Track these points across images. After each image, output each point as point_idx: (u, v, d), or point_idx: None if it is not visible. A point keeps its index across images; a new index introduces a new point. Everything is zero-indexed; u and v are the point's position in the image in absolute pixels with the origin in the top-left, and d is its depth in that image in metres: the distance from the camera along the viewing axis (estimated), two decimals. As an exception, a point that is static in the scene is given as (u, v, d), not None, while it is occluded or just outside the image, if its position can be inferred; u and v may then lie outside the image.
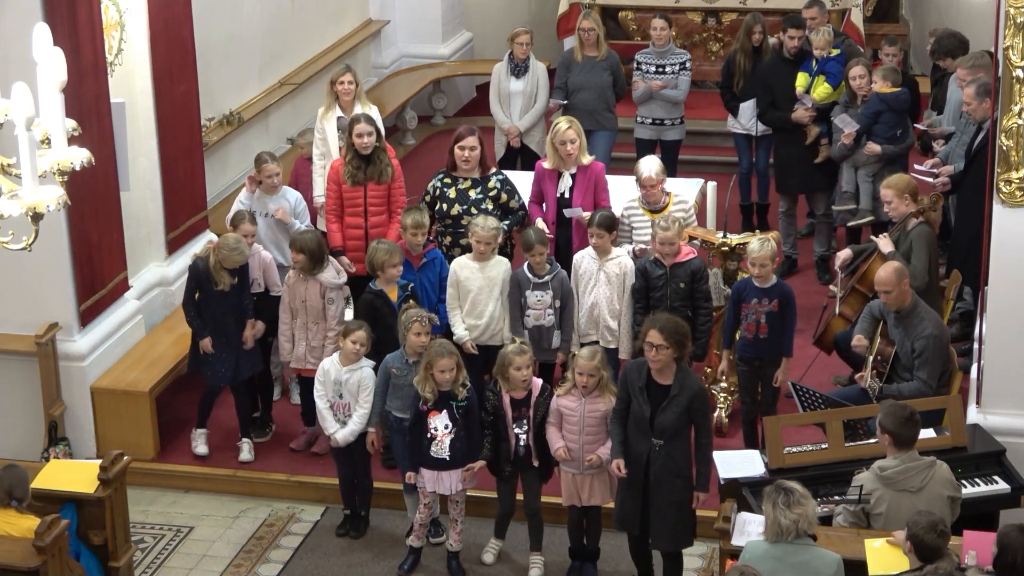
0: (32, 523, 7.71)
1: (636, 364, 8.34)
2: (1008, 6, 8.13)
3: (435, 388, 8.63)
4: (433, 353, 8.62)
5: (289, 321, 9.92)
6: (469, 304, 9.64)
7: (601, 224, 9.63)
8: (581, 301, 9.72)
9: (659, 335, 8.04)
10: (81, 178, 6.11)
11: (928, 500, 7.50)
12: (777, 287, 9.46)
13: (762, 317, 9.39)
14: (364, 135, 10.25)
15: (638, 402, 8.18)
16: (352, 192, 10.34)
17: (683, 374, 8.17)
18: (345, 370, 9.13)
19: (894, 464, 7.62)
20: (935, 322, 9.04)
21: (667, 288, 9.50)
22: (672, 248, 9.47)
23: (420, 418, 8.73)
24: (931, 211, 10.08)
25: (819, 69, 11.93)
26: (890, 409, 7.75)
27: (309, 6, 14.59)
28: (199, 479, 10.04)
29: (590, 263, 9.72)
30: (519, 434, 8.68)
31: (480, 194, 10.22)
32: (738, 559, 7.14)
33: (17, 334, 9.83)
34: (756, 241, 9.43)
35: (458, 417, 8.67)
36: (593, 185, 10.44)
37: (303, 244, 9.74)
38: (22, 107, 5.15)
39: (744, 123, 12.49)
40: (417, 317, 8.97)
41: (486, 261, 9.63)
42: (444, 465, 8.71)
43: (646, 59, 12.64)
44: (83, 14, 9.61)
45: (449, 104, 16.05)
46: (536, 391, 8.68)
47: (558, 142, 10.33)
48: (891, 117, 11.26)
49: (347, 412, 9.16)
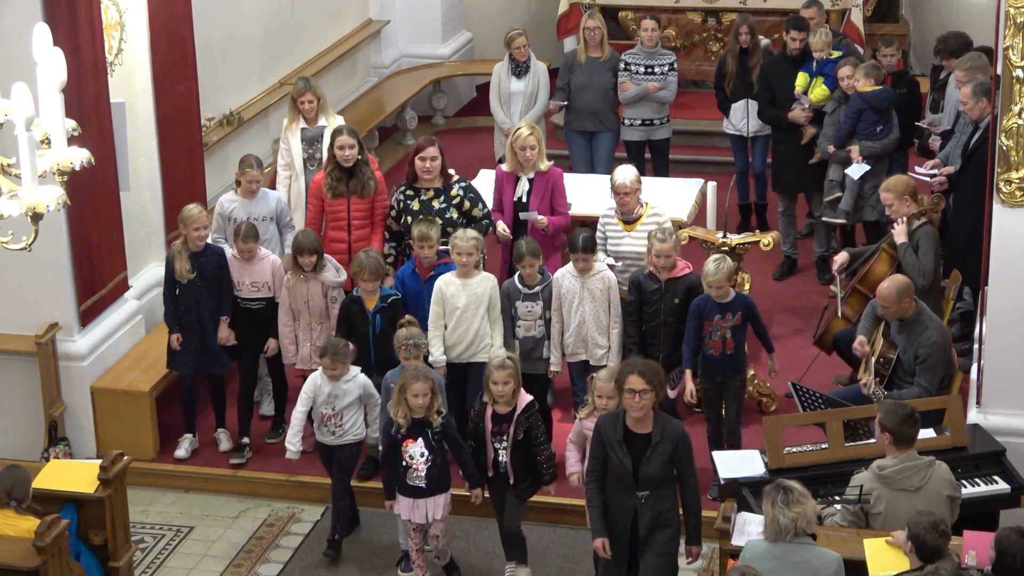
0: (31, 523, 7.71)
1: (610, 417, 7.82)
2: (1008, 6, 8.13)
3: (408, 414, 8.38)
4: (407, 376, 8.38)
5: (291, 323, 9.88)
6: (455, 321, 9.42)
7: (587, 249, 9.42)
8: (567, 321, 9.52)
9: (641, 380, 7.56)
10: (81, 178, 6.12)
11: (927, 499, 7.50)
12: (737, 300, 9.25)
13: (727, 332, 9.18)
14: (346, 147, 10.08)
15: (617, 456, 7.69)
16: (335, 205, 10.20)
17: (662, 420, 7.74)
18: (337, 383, 9.01)
19: (893, 463, 7.62)
20: (939, 329, 9.03)
21: (661, 303, 9.34)
22: (668, 261, 9.29)
23: (394, 446, 8.49)
24: (932, 212, 10.07)
25: (818, 71, 11.93)
26: (890, 408, 7.74)
27: (309, 6, 14.59)
28: (199, 479, 10.04)
29: (572, 282, 9.51)
30: (498, 449, 8.47)
31: (444, 203, 10.03)
32: (738, 559, 7.14)
33: (17, 334, 9.84)
34: (711, 262, 9.14)
35: (434, 444, 8.43)
36: (550, 190, 10.34)
37: (309, 244, 9.70)
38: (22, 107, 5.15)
39: (736, 124, 12.50)
40: (405, 342, 8.82)
41: (471, 277, 9.43)
42: (420, 493, 8.49)
43: (635, 60, 12.62)
44: (83, 14, 9.61)
45: (449, 104, 16.05)
46: (520, 408, 8.43)
47: (518, 147, 10.23)
48: (873, 115, 11.27)
49: (339, 422, 9.04)
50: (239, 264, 9.90)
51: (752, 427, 9.89)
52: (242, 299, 9.95)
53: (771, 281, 12.17)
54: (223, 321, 9.88)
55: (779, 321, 11.59)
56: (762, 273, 11.85)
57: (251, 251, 9.84)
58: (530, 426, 8.43)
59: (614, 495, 7.79)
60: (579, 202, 11.02)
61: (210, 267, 9.82)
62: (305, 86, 11.12)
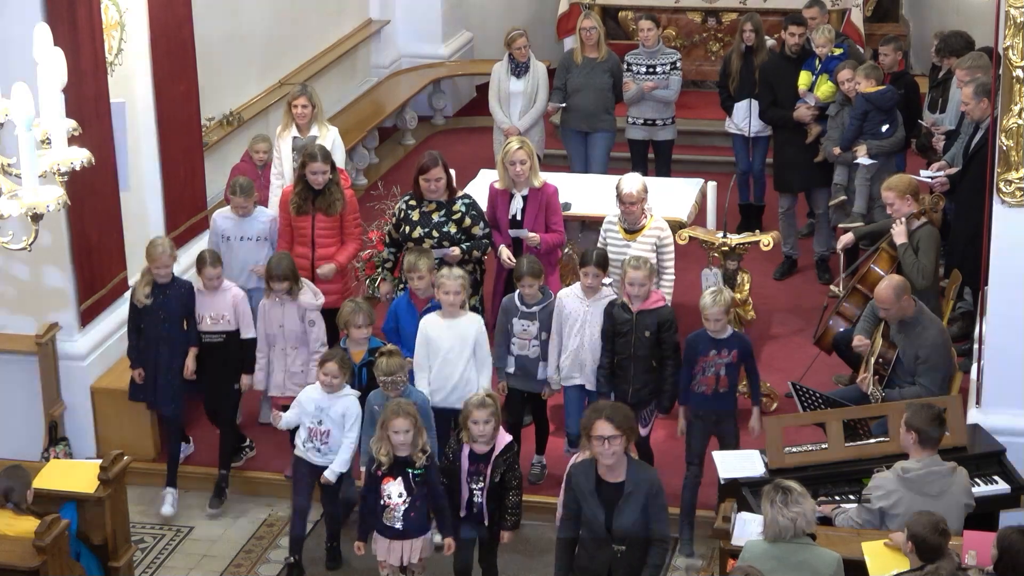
0: (31, 524, 7.70)
1: (582, 466, 7.48)
2: (1008, 6, 8.13)
3: (390, 451, 7.97)
4: (389, 412, 7.97)
5: (266, 351, 9.56)
6: (439, 363, 8.98)
7: (600, 263, 9.18)
8: (566, 343, 9.25)
9: (609, 425, 7.20)
10: (81, 178, 6.12)
11: (946, 506, 7.46)
12: (734, 337, 8.94)
13: (721, 370, 8.83)
14: (319, 173, 9.86)
15: (590, 507, 7.33)
16: (300, 222, 10.02)
17: (635, 467, 7.39)
18: (329, 397, 8.71)
19: (917, 467, 7.60)
20: (938, 329, 9.03)
21: (632, 335, 8.94)
22: (642, 290, 8.90)
23: (374, 483, 8.08)
24: (932, 212, 10.07)
25: (823, 68, 11.92)
26: (918, 408, 7.74)
27: (309, 6, 14.59)
28: (199, 479, 10.03)
29: (576, 304, 9.23)
30: (473, 490, 8.10)
31: (443, 217, 9.84)
32: (738, 559, 7.14)
33: (17, 334, 9.83)
34: (708, 295, 8.87)
35: (414, 486, 8.00)
36: (545, 208, 10.12)
37: (283, 270, 9.40)
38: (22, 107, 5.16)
39: (738, 123, 12.50)
40: (383, 379, 8.48)
41: (456, 317, 9.01)
42: (397, 534, 8.11)
43: (636, 60, 12.63)
44: (83, 14, 9.61)
45: (449, 104, 16.05)
46: (499, 448, 8.07)
47: (508, 162, 10.06)
48: (878, 115, 11.27)
49: (325, 439, 8.73)
50: (200, 296, 9.59)
51: (752, 427, 9.91)
52: (203, 333, 9.60)
53: (771, 281, 12.18)
54: (191, 352, 9.53)
55: (779, 321, 11.60)
56: (762, 273, 11.85)
57: (217, 277, 9.53)
58: (507, 468, 8.08)
59: (588, 548, 7.44)
60: (577, 201, 11.03)
61: (175, 300, 9.49)
62: (302, 90, 11.02)
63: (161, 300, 9.49)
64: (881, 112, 11.26)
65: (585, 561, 7.48)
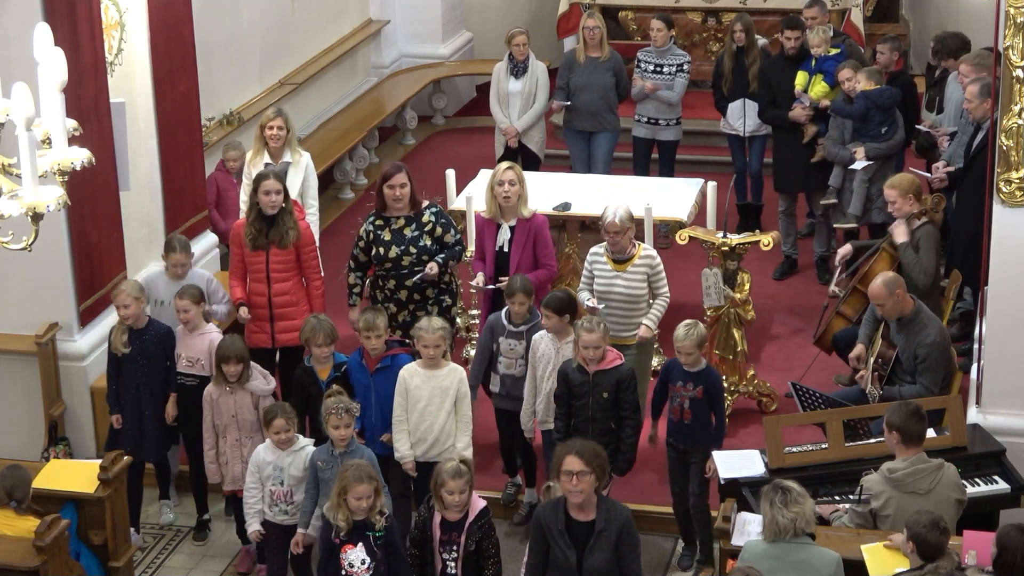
0: (30, 524, 7.70)
1: (550, 505, 7.20)
2: (1008, 6, 8.13)
3: (349, 516, 7.48)
4: (349, 478, 7.45)
5: (214, 442, 8.99)
6: (417, 415, 8.59)
7: (547, 304, 8.77)
8: (539, 386, 8.90)
9: (579, 460, 6.97)
10: (81, 178, 6.12)
11: (936, 503, 7.47)
12: (704, 374, 8.67)
13: (686, 402, 8.64)
14: (272, 192, 9.49)
15: (559, 548, 7.06)
16: (253, 257, 9.63)
17: (606, 504, 7.13)
18: (285, 454, 8.31)
19: (903, 466, 7.60)
20: (938, 328, 9.02)
21: (589, 397, 8.48)
22: (597, 353, 8.43)
23: (332, 552, 7.56)
24: (933, 212, 10.08)
25: (817, 68, 11.94)
26: (896, 407, 7.76)
27: (309, 6, 14.59)
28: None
29: (547, 346, 8.87)
30: (447, 560, 7.59)
31: (416, 231, 9.66)
32: (737, 559, 7.14)
33: (17, 334, 9.83)
34: (682, 328, 8.63)
35: (376, 549, 7.52)
36: (532, 240, 9.74)
37: (237, 351, 8.84)
38: (22, 107, 5.15)
39: (733, 123, 12.50)
40: (334, 409, 8.03)
41: (437, 368, 8.61)
42: None
43: (646, 57, 12.66)
44: (83, 14, 9.61)
45: (449, 104, 16.06)
46: (473, 515, 7.56)
47: (495, 183, 9.72)
48: (878, 115, 11.27)
49: (290, 499, 8.32)
50: (182, 337, 9.28)
51: (752, 427, 9.91)
52: (180, 374, 9.28)
53: (771, 281, 12.18)
54: (171, 398, 9.22)
55: (779, 321, 11.60)
56: (762, 273, 11.85)
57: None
58: (483, 536, 7.56)
59: None
60: (577, 202, 11.02)
61: (152, 345, 9.19)
62: (277, 112, 10.77)
63: (139, 346, 9.16)
64: (881, 111, 11.26)
65: None
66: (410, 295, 9.76)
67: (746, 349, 10.21)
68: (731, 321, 10.09)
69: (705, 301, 10.05)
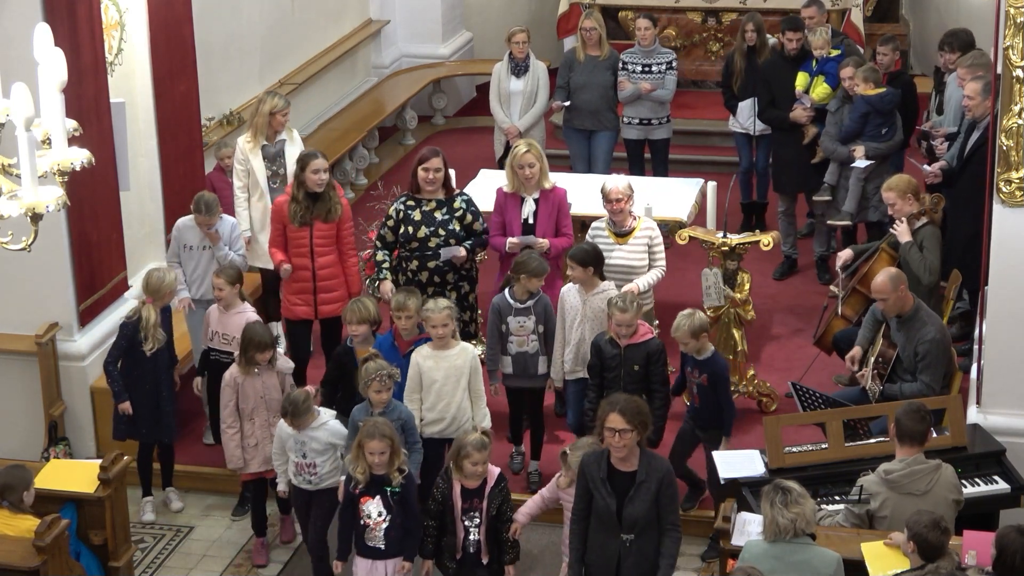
0: (31, 523, 7.70)
1: (595, 455, 7.55)
2: (1008, 6, 8.13)
3: (366, 470, 7.90)
4: (365, 433, 7.87)
5: (237, 426, 9.07)
6: (433, 396, 8.81)
7: (572, 256, 9.22)
8: (568, 337, 9.31)
9: (621, 418, 7.31)
10: (81, 178, 6.12)
11: (934, 503, 7.46)
12: (709, 362, 8.91)
13: (695, 387, 8.98)
14: (321, 171, 9.78)
15: (601, 495, 7.41)
16: (298, 233, 9.88)
17: (648, 457, 7.45)
18: (309, 429, 8.54)
19: (899, 467, 7.60)
20: (937, 326, 9.03)
21: (621, 369, 8.86)
22: (629, 330, 8.81)
23: (351, 502, 7.99)
24: (932, 212, 10.07)
25: (818, 69, 11.93)
26: (904, 406, 7.76)
27: (309, 6, 14.60)
28: (199, 479, 10.04)
29: (575, 298, 9.30)
30: (469, 527, 7.97)
31: (446, 215, 9.90)
32: (738, 559, 7.14)
33: (17, 334, 9.83)
34: (679, 317, 8.88)
35: (392, 504, 7.93)
36: (556, 210, 10.12)
37: (269, 338, 9.00)
38: (22, 107, 5.15)
39: (743, 122, 12.50)
40: (376, 375, 8.32)
41: (448, 349, 8.83)
42: (378, 554, 8.01)
43: (632, 59, 12.62)
44: (83, 14, 9.61)
45: (449, 104, 16.06)
46: (491, 481, 7.97)
47: (517, 166, 10.02)
48: (878, 118, 11.26)
49: (312, 471, 8.55)
50: (217, 315, 9.47)
51: (752, 427, 9.91)
52: (213, 350, 9.50)
53: (771, 281, 12.18)
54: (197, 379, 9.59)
55: (779, 321, 11.60)
56: (762, 273, 11.86)
57: (221, 288, 9.39)
58: (502, 500, 8.00)
59: (598, 537, 7.50)
60: (578, 201, 11.02)
61: (166, 326, 9.47)
62: (285, 102, 10.81)
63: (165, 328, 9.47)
64: (880, 115, 11.25)
65: (595, 555, 7.52)
66: (431, 278, 9.90)
67: (746, 349, 10.22)
68: (731, 321, 10.10)
69: (705, 301, 10.05)
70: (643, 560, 7.42)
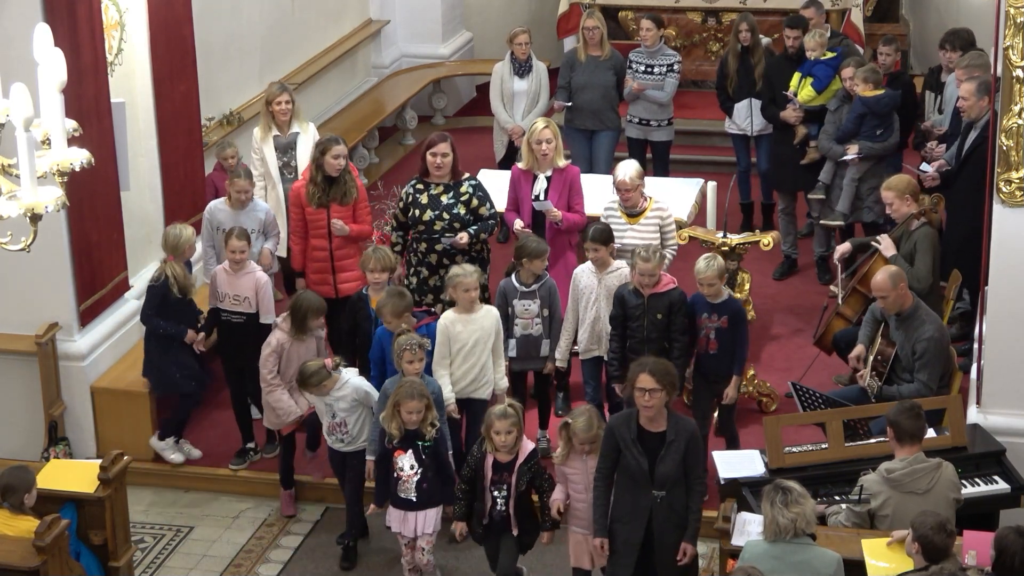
0: (31, 523, 7.70)
1: (624, 416, 7.89)
2: (1008, 6, 8.13)
3: (401, 426, 8.34)
4: (403, 394, 8.31)
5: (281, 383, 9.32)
6: (461, 359, 9.14)
7: (596, 238, 9.42)
8: (582, 316, 9.50)
9: (651, 379, 7.64)
10: (81, 178, 6.11)
11: (935, 502, 7.48)
12: (727, 304, 9.16)
13: (711, 333, 9.14)
14: (340, 156, 10.16)
15: (632, 455, 7.74)
16: (316, 214, 10.25)
17: (675, 418, 7.80)
18: (334, 390, 8.87)
19: (900, 466, 7.61)
20: (936, 324, 9.03)
21: (644, 319, 9.13)
22: (652, 279, 9.07)
23: (386, 456, 8.47)
24: (932, 213, 10.07)
25: (806, 71, 11.91)
26: (898, 405, 7.78)
27: (309, 6, 14.59)
28: (199, 479, 10.04)
29: (589, 278, 9.50)
30: (496, 498, 8.28)
31: (452, 199, 10.05)
32: (738, 559, 7.14)
33: (17, 334, 9.84)
34: (702, 260, 9.13)
35: (424, 457, 8.38)
36: (568, 188, 10.32)
37: (322, 307, 9.36)
38: (21, 108, 5.15)
39: (739, 123, 12.49)
40: (407, 346, 8.62)
41: (474, 312, 9.16)
42: (410, 506, 8.45)
43: (637, 58, 12.64)
44: (83, 14, 9.61)
45: (449, 104, 16.06)
46: (523, 456, 8.25)
47: (534, 141, 10.25)
48: (874, 119, 11.26)
49: (344, 430, 8.92)
50: (226, 276, 9.77)
51: (752, 427, 9.90)
52: (223, 311, 9.81)
53: (771, 281, 12.18)
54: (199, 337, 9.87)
55: (779, 321, 11.59)
56: (762, 273, 11.86)
57: (243, 251, 9.64)
58: (533, 475, 8.28)
59: (629, 495, 7.83)
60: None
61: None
62: (280, 89, 11.22)
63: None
64: (877, 117, 11.25)
65: (626, 509, 7.83)
66: (440, 260, 10.03)
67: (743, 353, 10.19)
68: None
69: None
70: (672, 514, 7.79)
